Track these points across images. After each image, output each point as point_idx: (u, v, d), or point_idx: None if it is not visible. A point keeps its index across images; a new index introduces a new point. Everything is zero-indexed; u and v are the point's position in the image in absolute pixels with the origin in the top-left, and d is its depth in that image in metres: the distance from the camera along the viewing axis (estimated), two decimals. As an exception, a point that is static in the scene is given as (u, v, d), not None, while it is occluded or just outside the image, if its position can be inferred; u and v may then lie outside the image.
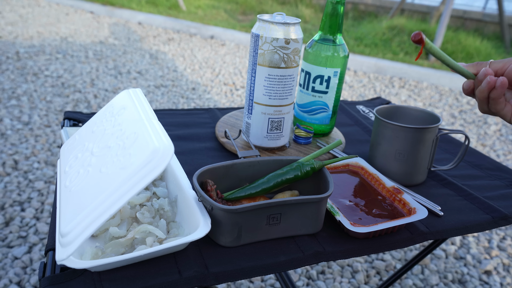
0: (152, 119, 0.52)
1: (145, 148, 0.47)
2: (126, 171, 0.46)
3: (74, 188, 0.50)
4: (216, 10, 5.24)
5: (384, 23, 4.35)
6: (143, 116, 0.53)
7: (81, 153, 0.56)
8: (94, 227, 0.44)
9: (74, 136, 0.63)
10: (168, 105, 2.50)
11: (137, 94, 0.60)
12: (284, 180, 0.59)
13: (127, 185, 0.45)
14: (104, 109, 0.62)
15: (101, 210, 0.45)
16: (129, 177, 0.45)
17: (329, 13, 0.78)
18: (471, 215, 0.66)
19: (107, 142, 0.54)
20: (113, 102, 0.62)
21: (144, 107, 0.56)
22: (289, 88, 0.74)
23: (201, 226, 0.50)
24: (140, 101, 0.58)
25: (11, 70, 2.82)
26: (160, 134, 0.48)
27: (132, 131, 0.52)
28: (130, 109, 0.57)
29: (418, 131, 0.69)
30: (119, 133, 0.53)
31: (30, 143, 1.94)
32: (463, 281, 1.36)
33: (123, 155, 0.49)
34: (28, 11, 4.53)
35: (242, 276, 0.50)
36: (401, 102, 2.91)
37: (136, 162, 0.46)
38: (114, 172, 0.47)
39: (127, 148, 0.49)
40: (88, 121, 0.63)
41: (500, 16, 4.13)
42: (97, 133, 0.58)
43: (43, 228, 1.42)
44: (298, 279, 1.30)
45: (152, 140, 0.47)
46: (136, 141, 0.49)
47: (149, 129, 0.50)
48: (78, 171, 0.53)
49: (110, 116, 0.59)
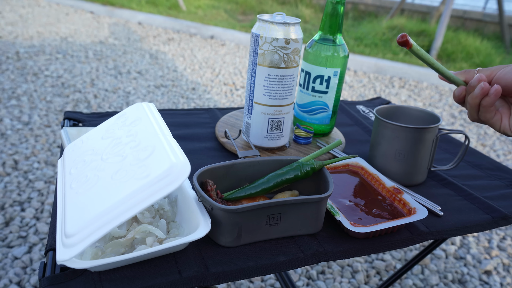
0: (167, 136, 0.54)
1: (162, 162, 0.48)
2: (141, 182, 0.47)
3: (82, 190, 0.51)
4: (216, 10, 5.24)
5: (384, 23, 4.35)
6: (159, 131, 0.54)
7: (89, 157, 0.57)
8: (102, 233, 0.44)
9: (81, 139, 0.63)
10: (168, 105, 2.50)
11: (150, 108, 0.61)
12: (284, 180, 0.59)
13: (141, 196, 0.46)
14: (115, 118, 0.63)
15: (111, 216, 0.45)
16: (144, 188, 0.46)
17: (329, 13, 0.78)
18: (471, 215, 0.66)
19: (120, 150, 0.54)
20: (126, 112, 0.63)
21: (159, 122, 0.57)
22: (289, 88, 0.74)
23: (201, 226, 0.50)
24: (154, 116, 0.59)
25: (11, 70, 2.82)
26: (177, 152, 0.50)
27: (148, 144, 0.52)
28: (144, 122, 0.58)
29: (418, 131, 0.69)
30: (133, 144, 0.54)
31: (30, 143, 1.94)
32: (463, 281, 1.36)
33: (138, 166, 0.49)
34: (28, 11, 4.53)
35: (242, 276, 0.50)
36: (401, 102, 2.91)
37: (152, 174, 0.47)
38: (127, 181, 0.48)
39: (142, 159, 0.50)
40: (97, 127, 0.64)
41: (500, 16, 4.13)
42: (108, 140, 0.58)
43: (43, 228, 1.42)
44: (298, 279, 1.30)
45: (170, 155, 0.48)
46: (152, 154, 0.50)
47: (166, 144, 0.51)
48: (86, 174, 0.53)
49: (122, 126, 0.60)
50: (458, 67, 3.65)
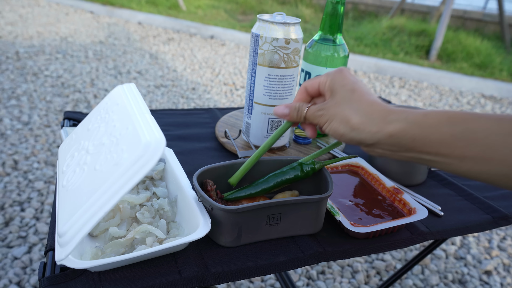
0: (144, 113, 0.52)
1: (136, 142, 0.46)
2: (119, 167, 0.46)
3: (71, 187, 0.50)
4: (216, 10, 5.24)
5: (384, 23, 4.35)
6: (136, 111, 0.53)
7: (77, 151, 0.56)
8: (90, 226, 0.44)
9: (71, 135, 0.63)
10: (168, 105, 2.50)
11: (130, 89, 0.60)
12: (284, 180, 0.59)
13: (121, 181, 0.45)
14: (98, 106, 0.62)
15: (96, 208, 0.44)
16: (122, 173, 0.45)
17: (329, 13, 0.78)
18: (471, 215, 0.66)
19: (101, 139, 0.53)
20: (107, 98, 0.62)
21: (137, 101, 0.55)
22: (289, 88, 0.74)
23: (201, 226, 0.50)
24: (133, 96, 0.57)
25: (11, 70, 2.81)
26: (152, 128, 0.48)
27: (124, 127, 0.51)
28: (123, 104, 0.56)
29: None
30: (112, 129, 0.53)
31: (30, 143, 1.94)
32: (463, 281, 1.36)
33: (116, 151, 0.48)
34: (28, 11, 4.53)
35: (242, 276, 0.50)
36: (401, 102, 2.91)
37: (128, 157, 0.46)
38: (107, 169, 0.47)
39: (120, 144, 0.49)
40: (84, 120, 0.63)
41: (500, 16, 4.13)
42: (92, 130, 0.58)
43: (43, 228, 1.42)
44: (298, 279, 1.29)
45: (144, 134, 0.47)
46: (127, 136, 0.49)
47: (141, 123, 0.49)
48: (74, 170, 0.53)
49: (104, 113, 0.59)
50: (458, 67, 3.65)
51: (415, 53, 3.91)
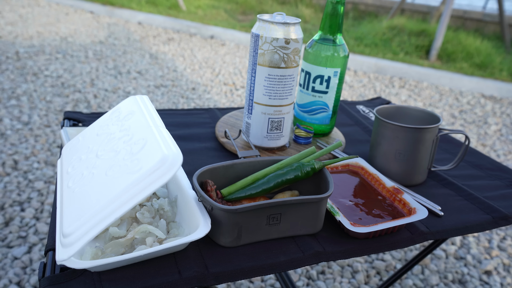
0: (160, 127, 0.53)
1: (154, 154, 0.47)
2: (133, 176, 0.46)
3: (78, 189, 0.50)
4: (216, 10, 5.24)
5: (384, 23, 4.35)
6: (151, 123, 0.54)
7: (85, 155, 0.56)
8: (98, 230, 0.44)
9: (77, 138, 0.63)
10: (168, 105, 2.50)
11: (144, 101, 0.61)
12: (284, 180, 0.59)
13: (134, 190, 0.45)
14: (110, 113, 0.63)
15: (106, 213, 0.45)
16: (136, 182, 0.46)
17: (329, 13, 0.78)
18: (471, 215, 0.66)
19: (114, 146, 0.54)
20: (119, 106, 0.63)
21: (152, 114, 0.56)
22: (289, 88, 0.74)
23: (201, 226, 0.50)
24: (147, 108, 0.58)
25: (11, 70, 2.81)
26: (169, 143, 0.49)
27: (140, 137, 0.52)
28: (137, 115, 0.57)
29: (418, 131, 0.69)
30: (126, 138, 0.54)
31: (30, 143, 1.94)
32: (463, 281, 1.36)
33: (130, 160, 0.49)
34: (28, 11, 4.53)
35: (242, 276, 0.50)
36: (401, 102, 2.91)
37: (144, 167, 0.46)
38: (120, 176, 0.47)
39: (135, 153, 0.50)
40: (92, 124, 0.63)
41: (500, 16, 4.13)
42: (102, 136, 0.58)
43: (43, 228, 1.42)
44: (298, 279, 1.29)
45: (161, 147, 0.48)
46: (144, 147, 0.49)
47: (158, 136, 0.50)
48: (82, 172, 0.53)
49: (116, 121, 0.59)
50: (458, 67, 3.65)
51: (415, 53, 3.91)
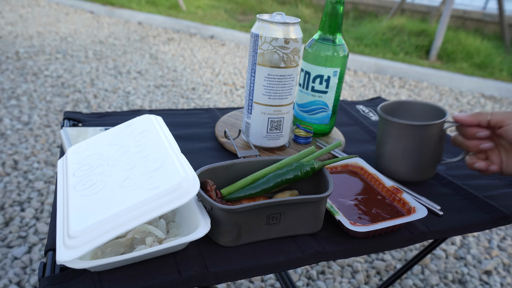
0: (176, 150, 0.55)
1: (173, 175, 0.49)
2: (151, 192, 0.47)
3: (88, 194, 0.51)
4: (216, 10, 5.24)
5: (384, 23, 4.35)
6: (168, 145, 0.55)
7: (95, 161, 0.58)
8: (107, 238, 0.45)
9: (85, 142, 0.64)
10: (168, 105, 2.50)
11: (158, 122, 0.62)
12: (284, 180, 0.59)
13: (150, 206, 0.46)
14: (123, 126, 0.64)
15: (119, 222, 0.46)
16: (153, 199, 0.47)
17: (329, 12, 0.78)
18: (471, 214, 0.66)
19: (129, 159, 0.55)
20: (133, 122, 0.64)
21: (167, 136, 0.58)
22: (288, 88, 0.74)
23: (201, 226, 0.50)
24: (162, 130, 0.60)
25: (11, 70, 2.82)
26: (185, 167, 0.51)
27: (157, 156, 0.53)
28: (153, 135, 0.59)
29: (425, 127, 0.68)
30: (142, 154, 0.55)
31: (30, 143, 1.94)
32: (463, 281, 1.36)
33: (148, 177, 0.50)
34: (28, 11, 4.53)
35: (242, 276, 0.50)
36: (401, 102, 2.92)
37: (162, 186, 0.48)
38: (136, 189, 0.49)
39: (152, 171, 0.51)
40: (103, 132, 0.65)
41: (500, 16, 4.13)
42: (115, 147, 0.59)
43: (43, 228, 1.42)
44: (298, 279, 1.29)
45: (180, 170, 0.49)
46: (162, 167, 0.51)
47: (175, 159, 0.52)
48: (91, 178, 0.54)
49: (131, 135, 0.61)
50: (458, 67, 3.65)
51: (415, 53, 3.91)
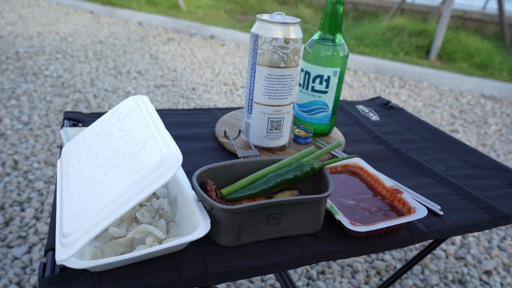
0: (160, 127, 0.53)
1: (153, 155, 0.47)
2: (133, 176, 0.46)
3: (78, 189, 0.51)
4: (216, 10, 5.24)
5: (384, 23, 4.35)
6: (151, 124, 0.54)
7: (85, 155, 0.57)
8: (98, 230, 0.44)
9: (77, 138, 0.63)
10: (168, 105, 2.50)
11: (144, 101, 0.61)
12: (284, 180, 0.59)
13: (134, 190, 0.45)
14: (109, 113, 0.63)
15: (106, 213, 0.45)
16: (136, 183, 0.46)
17: (329, 12, 0.78)
18: (471, 214, 0.66)
19: (113, 146, 0.54)
20: (119, 107, 0.63)
21: (152, 114, 0.57)
22: (288, 88, 0.74)
23: (201, 226, 0.50)
24: (147, 108, 0.58)
25: (11, 70, 2.81)
26: (168, 143, 0.49)
27: (140, 137, 0.52)
28: (137, 116, 0.57)
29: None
30: (126, 138, 0.54)
31: (30, 143, 1.94)
32: (463, 281, 1.36)
33: (130, 160, 0.49)
34: (28, 11, 4.53)
35: (242, 276, 0.50)
36: (401, 102, 2.91)
37: (144, 168, 0.46)
38: (120, 176, 0.48)
39: (135, 153, 0.50)
40: (92, 124, 0.64)
41: (500, 16, 4.13)
42: (102, 136, 0.58)
43: (43, 228, 1.42)
44: (298, 279, 1.29)
45: (161, 147, 0.48)
46: (144, 148, 0.50)
47: (158, 136, 0.50)
48: (81, 173, 0.53)
49: (116, 121, 0.60)
50: (458, 67, 3.65)
51: (415, 53, 3.91)
